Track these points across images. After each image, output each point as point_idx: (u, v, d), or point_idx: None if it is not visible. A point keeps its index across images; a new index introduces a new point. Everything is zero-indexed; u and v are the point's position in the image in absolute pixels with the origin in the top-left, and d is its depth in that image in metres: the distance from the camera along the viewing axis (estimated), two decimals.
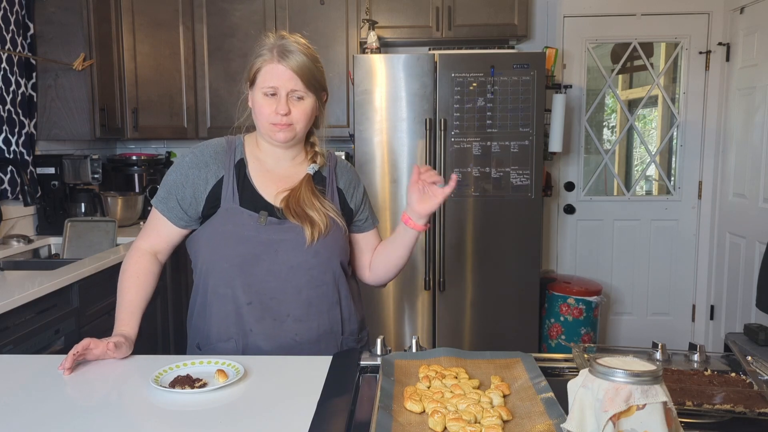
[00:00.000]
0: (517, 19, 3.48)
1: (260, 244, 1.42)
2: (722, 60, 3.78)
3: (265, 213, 1.44)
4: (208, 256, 1.46)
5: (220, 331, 1.46)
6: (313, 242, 1.43)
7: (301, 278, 1.44)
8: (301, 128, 1.45)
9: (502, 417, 1.02)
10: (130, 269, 1.47)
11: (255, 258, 1.42)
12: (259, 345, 1.44)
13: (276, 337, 1.44)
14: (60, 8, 3.03)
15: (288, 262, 1.43)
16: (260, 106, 1.43)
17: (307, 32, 3.52)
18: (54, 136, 3.13)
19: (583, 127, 3.96)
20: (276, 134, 1.44)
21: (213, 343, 1.47)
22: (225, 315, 1.45)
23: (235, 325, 1.45)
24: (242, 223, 1.43)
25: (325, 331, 1.47)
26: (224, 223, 1.43)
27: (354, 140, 3.21)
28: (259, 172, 1.49)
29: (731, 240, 3.71)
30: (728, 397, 1.07)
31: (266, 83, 1.41)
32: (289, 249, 1.43)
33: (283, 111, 1.41)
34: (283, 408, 1.12)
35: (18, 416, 1.08)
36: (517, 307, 3.26)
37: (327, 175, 1.54)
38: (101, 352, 1.32)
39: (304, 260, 1.44)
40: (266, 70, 1.41)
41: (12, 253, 2.73)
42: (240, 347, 1.45)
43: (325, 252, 1.45)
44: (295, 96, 1.42)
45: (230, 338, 1.45)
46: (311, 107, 1.45)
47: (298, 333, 1.45)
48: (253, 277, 1.42)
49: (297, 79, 1.40)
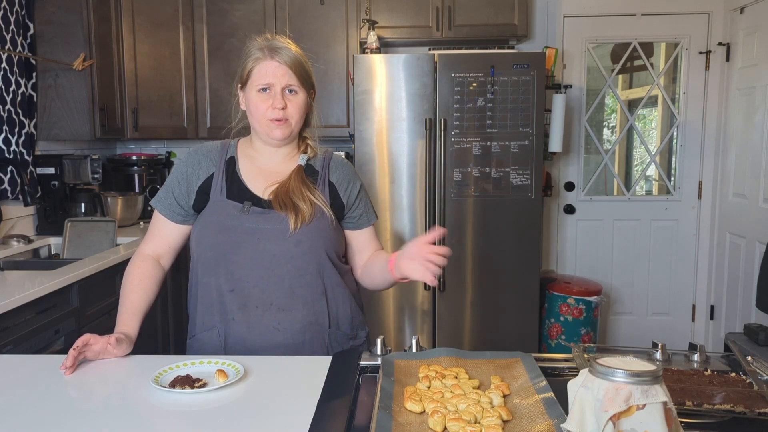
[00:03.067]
0: (517, 19, 3.48)
1: (243, 233, 1.44)
2: (722, 60, 3.78)
3: (249, 203, 1.46)
4: (195, 247, 1.50)
5: (205, 320, 1.49)
6: (296, 230, 1.44)
7: (283, 267, 1.45)
8: (296, 124, 1.49)
9: (502, 417, 1.02)
10: (133, 273, 1.50)
11: (237, 246, 1.44)
12: (241, 334, 1.45)
13: (258, 325, 1.45)
14: (60, 8, 3.03)
15: (270, 250, 1.44)
16: (255, 104, 1.46)
17: (307, 32, 3.54)
18: (54, 136, 3.13)
19: (583, 127, 3.96)
20: (273, 131, 1.46)
21: (198, 332, 1.50)
22: (209, 303, 1.48)
23: (219, 314, 1.47)
24: (227, 213, 1.46)
25: (310, 322, 1.47)
26: (211, 214, 1.48)
27: (354, 140, 3.21)
28: (249, 168, 1.53)
29: (731, 240, 3.71)
30: (728, 397, 1.07)
31: (261, 80, 1.44)
32: (271, 238, 1.44)
33: (280, 105, 1.44)
34: (283, 408, 1.12)
35: (18, 416, 1.08)
36: (517, 307, 3.26)
37: (320, 169, 1.55)
38: (101, 348, 1.32)
39: (286, 249, 1.45)
40: (260, 68, 1.45)
41: (12, 253, 2.73)
42: (222, 336, 1.46)
43: (307, 241, 1.46)
44: (290, 90, 1.45)
45: (213, 326, 1.47)
46: (304, 102, 1.48)
47: (281, 322, 1.45)
48: (234, 264, 1.44)
49: (291, 73, 1.44)
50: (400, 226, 3.24)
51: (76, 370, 1.27)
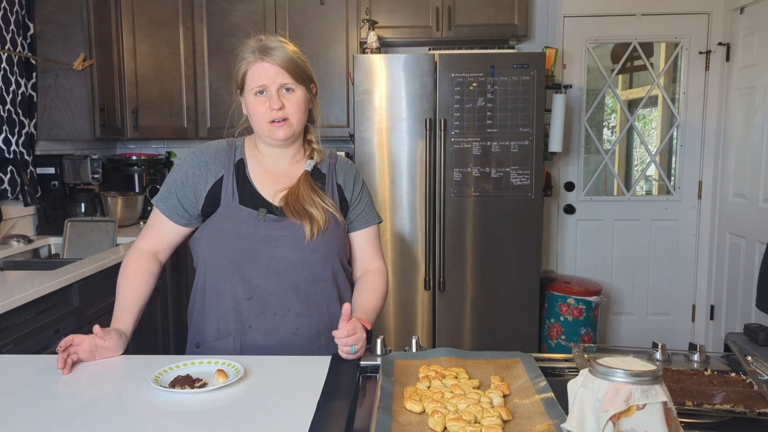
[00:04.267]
0: (517, 19, 3.48)
1: (259, 241, 1.43)
2: (722, 60, 3.78)
3: (264, 210, 1.45)
4: (207, 254, 1.47)
5: (220, 328, 1.47)
6: (313, 238, 1.43)
7: (299, 274, 1.44)
8: (297, 122, 1.46)
9: (502, 417, 1.02)
10: (129, 268, 1.49)
11: (254, 254, 1.43)
12: (258, 341, 1.45)
13: (276, 332, 1.44)
14: (60, 8, 3.03)
15: (287, 258, 1.44)
16: (254, 107, 1.45)
17: (307, 32, 3.54)
18: (54, 136, 3.13)
19: (583, 127, 3.96)
20: (275, 133, 1.45)
21: (211, 341, 1.48)
22: (224, 312, 1.46)
23: (234, 322, 1.45)
24: (241, 220, 1.44)
25: (325, 327, 1.48)
26: (223, 220, 1.45)
27: (354, 140, 3.21)
28: (258, 171, 1.50)
29: (731, 240, 3.71)
30: (728, 397, 1.07)
31: (255, 83, 1.43)
32: (288, 245, 1.44)
33: (277, 105, 1.42)
34: (283, 408, 1.12)
35: (18, 416, 1.08)
36: (517, 307, 3.26)
37: (327, 172, 1.54)
38: (91, 346, 1.32)
39: (302, 256, 1.44)
40: (252, 71, 1.44)
41: (12, 253, 2.73)
42: (238, 344, 1.45)
43: (323, 248, 1.46)
44: (285, 89, 1.44)
45: (229, 335, 1.46)
46: (303, 99, 1.46)
47: (299, 327, 1.45)
48: (251, 273, 1.43)
49: (284, 72, 1.42)
50: (400, 226, 3.24)
51: (75, 369, 1.28)
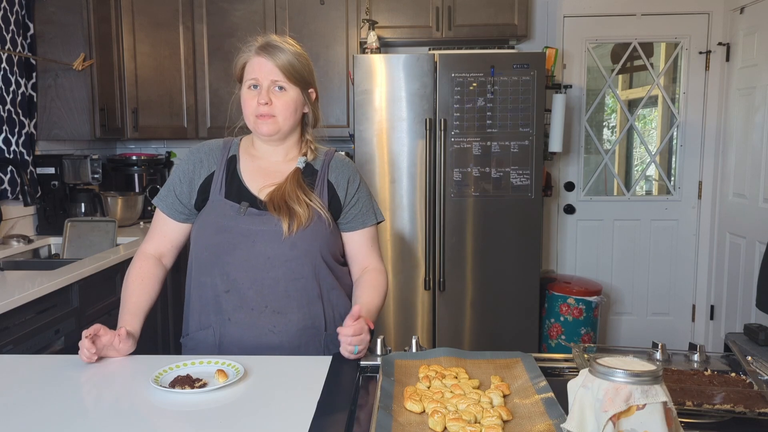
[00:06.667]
0: (517, 19, 3.48)
1: (239, 234, 1.45)
2: (722, 60, 3.78)
3: (246, 204, 1.47)
4: (193, 246, 1.51)
5: (201, 319, 1.49)
6: (291, 234, 1.44)
7: (278, 270, 1.45)
8: (283, 120, 1.47)
9: (502, 417, 1.02)
10: (135, 272, 1.51)
11: (232, 247, 1.44)
12: (236, 335, 1.45)
13: (253, 327, 1.45)
14: (60, 8, 3.03)
15: (265, 252, 1.44)
16: (245, 100, 1.48)
17: (307, 32, 3.54)
18: (54, 136, 3.13)
19: (583, 127, 3.96)
20: (260, 127, 1.46)
21: (193, 332, 1.50)
22: (205, 303, 1.48)
23: (215, 314, 1.47)
24: (224, 213, 1.46)
25: (306, 326, 1.47)
26: (209, 213, 1.48)
27: (354, 140, 3.21)
28: (250, 167, 1.52)
29: (731, 240, 3.71)
30: (728, 397, 1.07)
31: (249, 76, 1.46)
32: (267, 240, 1.44)
33: (264, 100, 1.44)
34: (283, 408, 1.12)
35: (18, 416, 1.08)
36: (517, 307, 3.26)
37: (319, 169, 1.54)
38: (108, 342, 1.33)
39: (280, 252, 1.44)
40: (250, 64, 1.47)
41: (12, 253, 2.73)
42: (217, 336, 1.46)
43: (302, 244, 1.45)
44: (277, 87, 1.45)
45: (209, 326, 1.48)
46: (293, 100, 1.47)
47: (276, 325, 1.45)
48: (230, 266, 1.45)
49: (277, 70, 1.44)
50: (400, 226, 3.24)
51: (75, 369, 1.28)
